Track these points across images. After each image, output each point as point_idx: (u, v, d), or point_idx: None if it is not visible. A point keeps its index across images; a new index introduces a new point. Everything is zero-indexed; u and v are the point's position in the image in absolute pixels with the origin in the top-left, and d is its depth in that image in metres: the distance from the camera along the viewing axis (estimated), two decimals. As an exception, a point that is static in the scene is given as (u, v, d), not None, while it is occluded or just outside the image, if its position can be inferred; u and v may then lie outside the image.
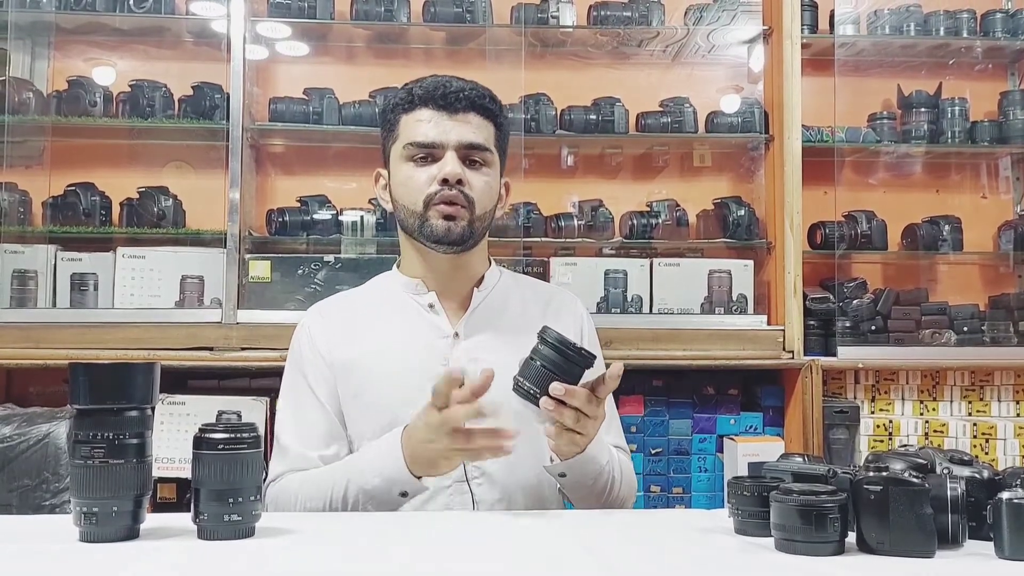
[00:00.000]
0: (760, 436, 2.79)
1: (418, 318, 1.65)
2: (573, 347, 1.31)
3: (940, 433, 2.84)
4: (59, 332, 2.68)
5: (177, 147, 3.14)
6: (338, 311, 1.73)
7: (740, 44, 3.17)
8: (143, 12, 2.95)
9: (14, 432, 1.89)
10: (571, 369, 1.32)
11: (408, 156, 1.62)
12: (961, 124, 3.15)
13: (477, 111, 1.63)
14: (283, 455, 1.62)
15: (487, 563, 1.08)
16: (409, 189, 1.62)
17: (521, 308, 1.71)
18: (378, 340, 1.63)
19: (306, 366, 1.65)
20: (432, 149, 1.60)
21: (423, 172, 1.60)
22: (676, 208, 3.11)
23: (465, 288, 1.69)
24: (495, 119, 1.67)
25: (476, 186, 1.61)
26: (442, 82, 1.64)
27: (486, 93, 1.67)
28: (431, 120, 1.61)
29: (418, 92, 1.64)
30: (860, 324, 2.97)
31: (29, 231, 2.95)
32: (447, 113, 1.61)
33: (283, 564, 1.05)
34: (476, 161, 1.63)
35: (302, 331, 1.70)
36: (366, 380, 1.61)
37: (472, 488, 1.54)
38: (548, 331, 1.32)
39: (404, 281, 1.69)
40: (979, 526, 1.11)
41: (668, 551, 1.14)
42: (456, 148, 1.60)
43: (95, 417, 1.10)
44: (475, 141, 1.61)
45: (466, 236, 1.60)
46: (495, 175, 1.67)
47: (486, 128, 1.65)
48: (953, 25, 3.15)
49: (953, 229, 3.11)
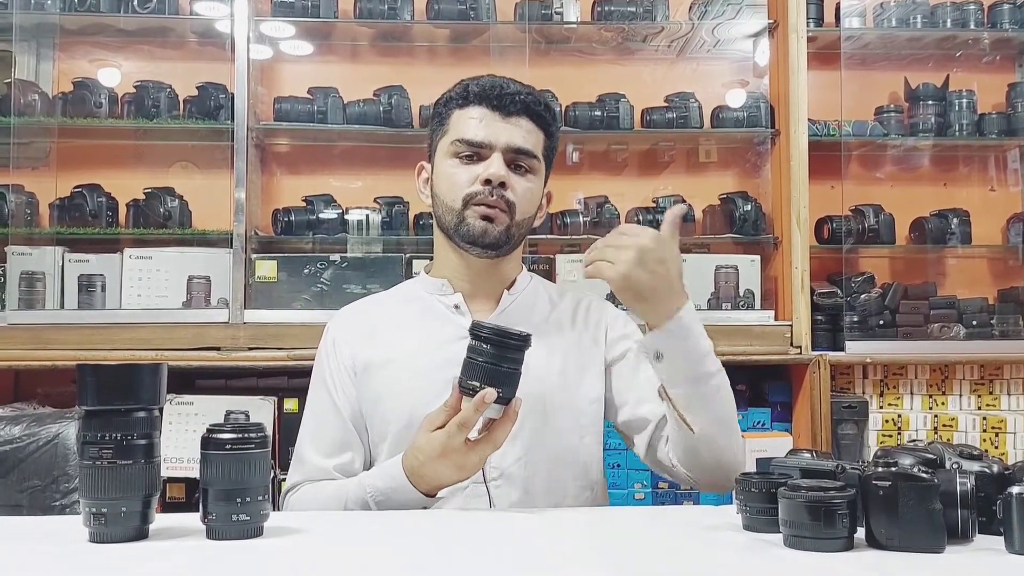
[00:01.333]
0: (768, 432, 2.78)
1: (443, 319, 1.62)
2: (507, 334, 1.29)
3: (949, 427, 2.83)
4: (67, 333, 2.69)
5: (182, 147, 3.15)
6: (361, 315, 1.72)
7: (745, 38, 3.17)
8: (147, 13, 2.96)
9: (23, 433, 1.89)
10: (514, 355, 1.30)
11: (454, 152, 1.60)
12: (969, 117, 3.14)
13: (530, 117, 1.61)
14: (300, 464, 1.62)
15: (495, 561, 1.08)
16: (451, 185, 1.59)
17: (549, 310, 1.69)
18: (401, 342, 1.62)
19: (325, 374, 1.65)
20: (479, 148, 1.58)
21: (467, 171, 1.58)
22: (682, 203, 3.10)
23: (496, 292, 1.66)
24: (547, 127, 1.65)
25: (519, 191, 1.59)
26: (499, 83, 1.61)
27: (542, 100, 1.65)
28: (482, 119, 1.58)
29: (474, 89, 1.61)
30: (868, 319, 2.96)
31: (36, 233, 2.96)
32: (500, 114, 1.59)
33: (292, 564, 1.05)
34: (522, 167, 1.60)
35: (326, 337, 1.69)
36: (388, 381, 1.60)
37: (490, 489, 1.52)
38: (478, 326, 1.30)
39: (430, 283, 1.68)
40: (989, 521, 1.10)
41: (676, 548, 1.13)
42: (504, 150, 1.57)
43: (103, 418, 1.10)
44: (523, 146, 1.59)
45: (502, 241, 1.58)
46: (539, 183, 1.65)
47: (536, 135, 1.62)
48: (960, 17, 3.14)
49: (961, 222, 3.10)
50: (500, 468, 1.53)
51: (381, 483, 1.43)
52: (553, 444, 1.56)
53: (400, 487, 1.39)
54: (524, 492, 1.54)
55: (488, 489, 1.52)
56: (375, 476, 1.45)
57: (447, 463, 1.33)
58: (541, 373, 1.55)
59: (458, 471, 1.35)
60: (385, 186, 3.04)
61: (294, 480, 1.61)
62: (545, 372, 1.57)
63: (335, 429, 1.61)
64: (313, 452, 1.61)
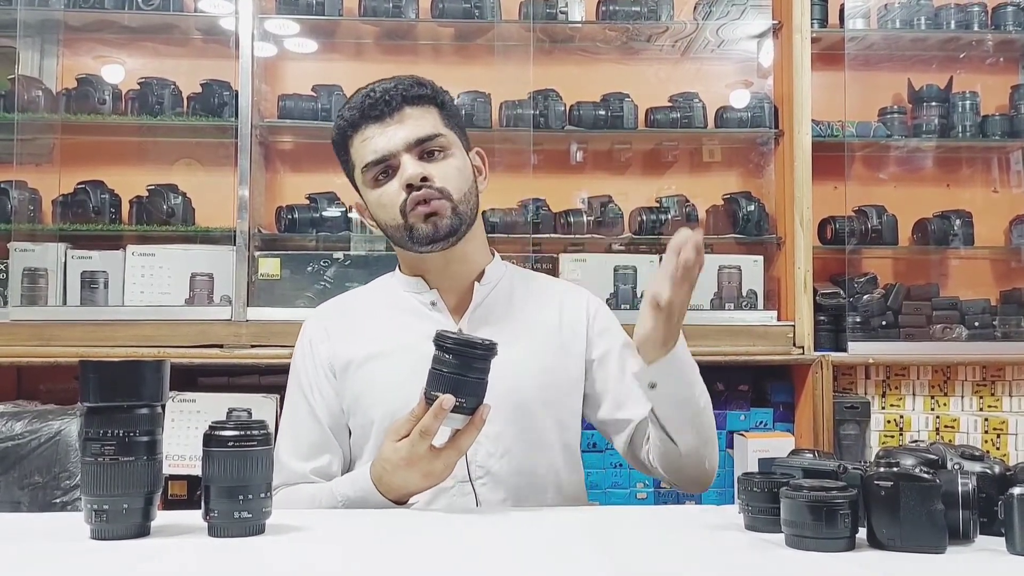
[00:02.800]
0: (770, 432, 2.78)
1: (420, 317, 1.61)
2: (470, 344, 1.28)
3: (951, 428, 2.83)
4: (70, 330, 2.69)
5: (186, 144, 3.15)
6: (338, 314, 1.70)
7: (749, 39, 3.17)
8: (151, 9, 2.96)
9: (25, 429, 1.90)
10: (479, 365, 1.29)
11: (370, 179, 1.58)
12: (972, 118, 3.13)
13: (411, 103, 1.58)
14: (278, 469, 1.59)
15: (496, 560, 1.08)
16: (383, 207, 1.57)
17: (525, 304, 1.67)
18: (380, 340, 1.61)
19: (302, 375, 1.64)
20: (387, 162, 1.56)
21: (389, 187, 1.56)
22: (685, 204, 3.10)
23: (465, 283, 1.64)
24: (434, 101, 1.61)
25: (442, 174, 1.56)
26: (367, 93, 1.58)
27: (412, 82, 1.61)
28: (372, 136, 1.56)
29: (348, 116, 1.59)
30: (870, 319, 2.96)
31: (39, 229, 2.96)
32: (382, 122, 1.56)
33: (293, 561, 1.05)
34: (433, 151, 1.57)
35: (302, 339, 1.68)
36: (369, 379, 1.59)
37: (476, 488, 1.52)
38: (442, 336, 1.29)
39: (406, 280, 1.67)
40: (990, 522, 1.10)
41: (678, 547, 1.13)
42: (407, 149, 1.55)
43: (105, 415, 1.10)
44: (421, 134, 1.56)
45: (455, 225, 1.55)
46: (459, 154, 1.61)
47: (428, 115, 1.59)
48: (964, 19, 3.14)
49: (964, 223, 3.10)
50: (486, 467, 1.54)
51: (351, 491, 1.42)
52: (535, 440, 1.57)
53: (369, 496, 1.39)
54: (510, 489, 1.54)
55: (474, 488, 1.52)
56: (345, 484, 1.45)
57: (413, 471, 1.33)
58: (520, 368, 1.54)
59: (425, 478, 1.34)
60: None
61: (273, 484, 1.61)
62: (524, 367, 1.56)
63: (311, 432, 1.61)
64: (289, 456, 1.60)
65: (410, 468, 1.33)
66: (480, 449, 1.52)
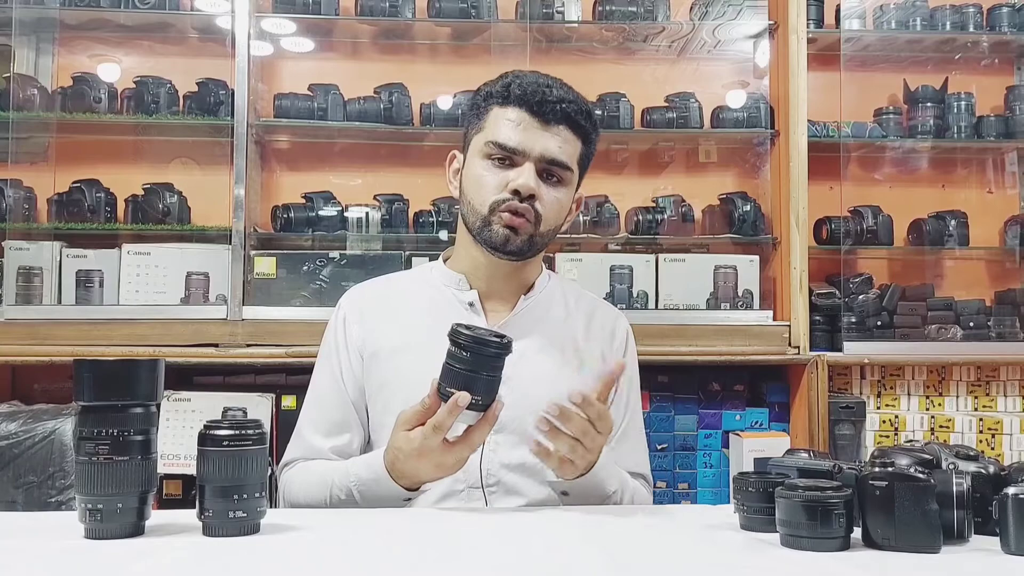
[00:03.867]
0: (766, 432, 2.78)
1: (455, 314, 1.60)
2: (484, 342, 1.28)
3: (946, 428, 2.83)
4: (64, 329, 2.68)
5: (182, 143, 3.14)
6: (375, 297, 1.70)
7: (746, 39, 3.16)
8: (147, 8, 2.95)
9: (20, 429, 1.89)
10: (492, 363, 1.29)
11: (487, 154, 1.57)
12: (967, 119, 3.14)
13: (570, 126, 1.57)
14: (299, 440, 1.62)
15: (492, 558, 1.08)
16: (480, 188, 1.56)
17: (563, 315, 1.68)
18: (411, 331, 1.61)
19: (331, 352, 1.64)
20: (513, 154, 1.55)
21: (498, 175, 1.55)
22: (682, 204, 3.10)
23: (513, 294, 1.65)
24: (586, 136, 1.61)
25: (547, 202, 1.56)
26: (543, 86, 1.57)
27: (584, 109, 1.60)
28: (520, 123, 1.55)
29: (516, 91, 1.57)
30: (866, 319, 2.96)
31: (34, 228, 2.95)
32: (539, 121, 1.55)
33: (288, 561, 1.05)
34: (554, 176, 1.57)
35: (336, 316, 1.68)
36: (393, 371, 1.59)
37: (487, 495, 1.52)
38: (457, 332, 1.29)
39: (447, 275, 1.66)
40: (985, 521, 1.11)
41: (673, 547, 1.14)
42: (537, 160, 1.54)
43: (100, 414, 1.10)
44: (558, 158, 1.55)
45: (524, 249, 1.57)
46: (569, 193, 1.62)
47: (573, 144, 1.59)
48: (959, 20, 3.14)
49: (959, 224, 3.10)
50: (498, 476, 1.54)
51: (364, 473, 1.43)
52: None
53: (381, 479, 1.39)
54: (520, 499, 1.54)
55: (485, 495, 1.52)
56: (360, 465, 1.46)
57: (425, 462, 1.34)
58: (548, 381, 1.54)
59: (436, 469, 1.35)
60: (385, 183, 3.04)
61: (291, 455, 1.62)
62: (552, 380, 1.55)
63: (335, 409, 1.61)
64: (312, 430, 1.61)
65: (421, 459, 1.33)
66: (495, 457, 1.52)
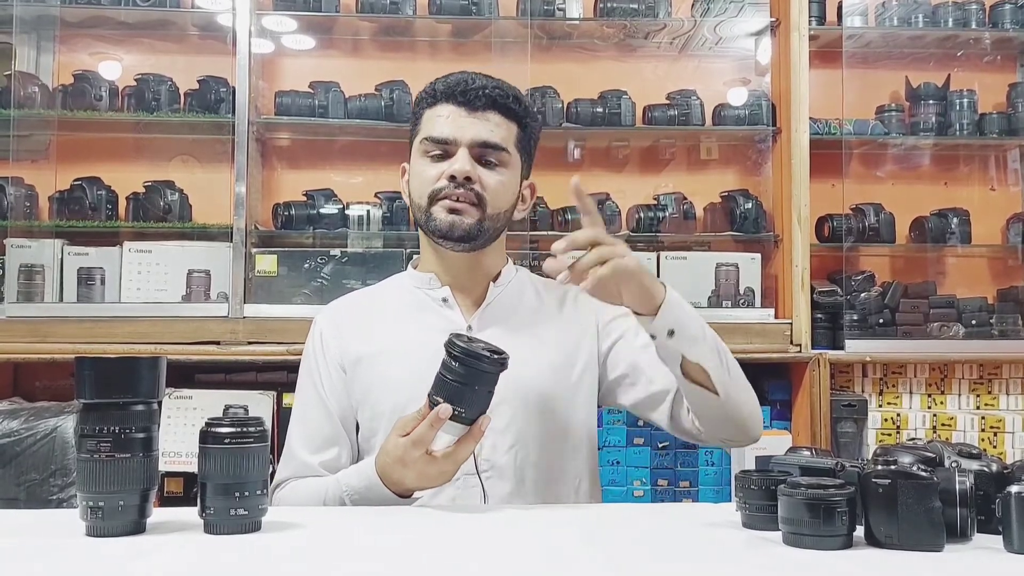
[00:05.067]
0: (767, 430, 2.78)
1: (431, 313, 1.63)
2: (478, 356, 1.27)
3: (948, 426, 2.83)
4: (66, 326, 2.69)
5: (183, 141, 3.14)
6: (349, 309, 1.72)
7: (747, 36, 3.16)
8: (148, 6, 2.95)
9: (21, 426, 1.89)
10: (485, 378, 1.28)
11: (424, 151, 1.61)
12: (970, 116, 3.13)
13: (498, 110, 1.60)
14: (289, 460, 1.62)
15: (491, 557, 1.08)
16: (420, 182, 1.60)
17: (536, 302, 1.70)
18: (390, 336, 1.63)
19: (312, 369, 1.66)
20: (446, 145, 1.58)
21: (435, 168, 1.59)
22: (683, 201, 3.10)
23: (481, 285, 1.67)
24: (519, 119, 1.63)
25: (488, 185, 1.58)
26: (465, 78, 1.61)
27: (511, 92, 1.63)
28: (449, 116, 1.59)
29: (440, 87, 1.61)
30: (868, 317, 2.96)
31: (36, 225, 2.96)
32: (466, 110, 1.58)
33: (290, 558, 1.04)
34: (491, 161, 1.60)
35: (313, 332, 1.70)
36: (378, 375, 1.60)
37: (483, 481, 1.53)
38: (453, 343, 1.29)
39: (418, 277, 1.69)
40: (988, 520, 1.11)
41: (675, 545, 1.13)
42: (469, 146, 1.57)
43: (101, 411, 1.10)
44: (490, 140, 1.59)
45: (474, 233, 1.58)
46: (513, 176, 1.63)
47: (506, 127, 1.61)
48: (962, 16, 3.14)
49: (961, 222, 3.10)
50: (491, 461, 1.54)
51: (356, 482, 1.44)
52: (544, 436, 1.57)
53: (372, 486, 1.40)
54: (517, 483, 1.55)
55: (481, 481, 1.53)
56: (351, 475, 1.46)
57: (408, 471, 1.34)
58: (531, 366, 1.56)
59: (419, 479, 1.36)
60: (386, 181, 3.03)
61: (282, 475, 1.62)
62: (535, 365, 1.58)
63: (321, 425, 1.62)
64: (300, 447, 1.61)
65: (404, 468, 1.34)
66: (486, 442, 1.52)
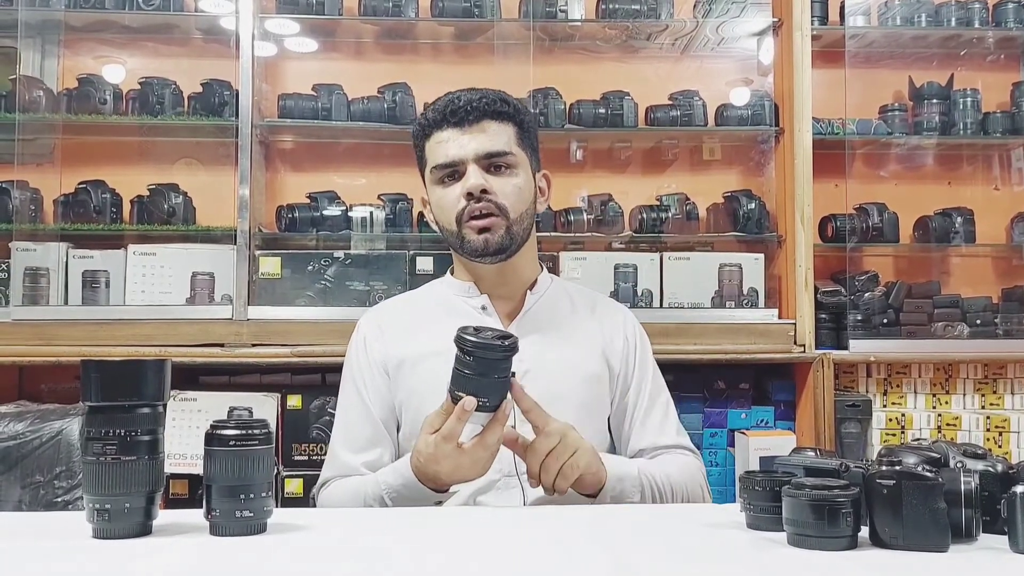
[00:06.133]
0: (771, 430, 2.78)
1: (470, 320, 1.62)
2: (487, 346, 1.30)
3: (953, 426, 2.83)
4: (71, 329, 2.69)
5: (187, 144, 3.15)
6: (393, 313, 1.77)
7: (750, 36, 3.16)
8: (152, 9, 2.96)
9: (27, 428, 1.90)
10: (499, 365, 1.31)
11: (436, 179, 1.66)
12: (973, 115, 3.13)
13: (491, 117, 1.65)
14: (332, 460, 1.67)
15: (496, 557, 1.08)
16: (442, 209, 1.66)
17: (571, 309, 1.74)
18: (431, 341, 1.65)
19: (355, 371, 1.70)
20: (454, 167, 1.63)
21: (451, 191, 1.64)
22: (686, 202, 3.10)
23: (517, 292, 1.72)
24: (513, 119, 1.68)
25: (505, 191, 1.63)
26: (452, 99, 1.65)
27: (497, 97, 1.67)
28: (449, 139, 1.63)
29: (431, 116, 1.67)
30: (872, 317, 2.95)
31: (41, 229, 2.96)
32: (462, 128, 1.63)
33: (295, 560, 1.05)
34: (501, 166, 1.64)
35: (357, 335, 1.74)
36: (419, 380, 1.64)
37: (522, 482, 1.55)
38: (461, 338, 1.31)
39: (457, 285, 1.74)
40: (993, 520, 1.10)
41: (679, 546, 1.13)
42: (476, 160, 1.62)
43: (107, 414, 1.10)
44: (493, 149, 1.63)
45: (506, 244, 1.63)
46: (525, 174, 1.68)
47: (504, 131, 1.66)
48: (965, 16, 3.13)
49: (965, 221, 3.09)
50: None
51: (393, 480, 1.47)
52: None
53: (409, 484, 1.43)
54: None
55: (520, 482, 1.56)
56: (388, 473, 1.50)
57: (443, 466, 1.37)
58: (566, 373, 1.61)
59: (455, 472, 1.38)
60: (389, 183, 3.04)
61: (325, 476, 1.67)
62: (570, 372, 1.63)
63: (364, 426, 1.66)
64: (343, 449, 1.66)
65: (439, 463, 1.37)
66: None
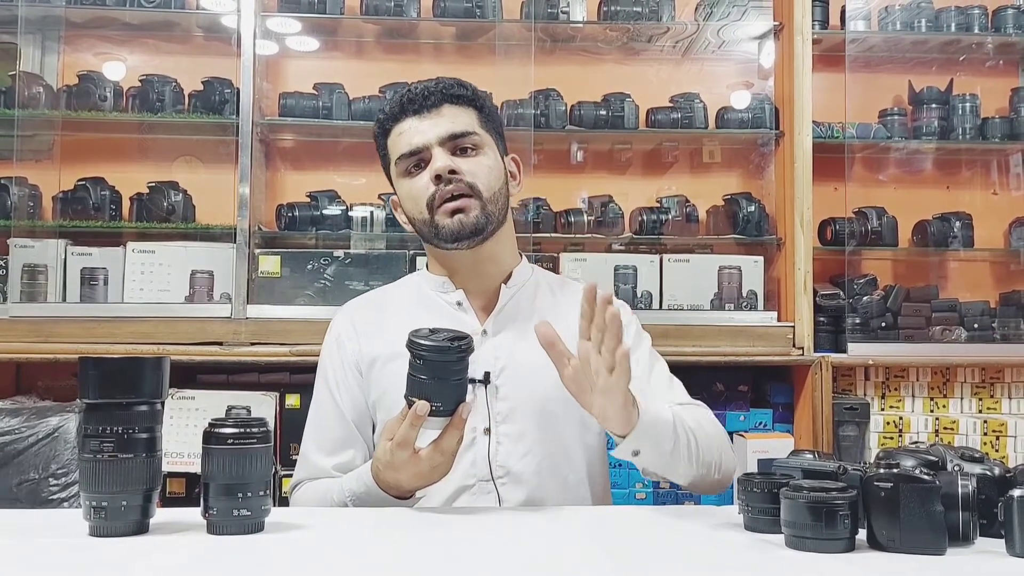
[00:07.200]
0: (770, 433, 2.78)
1: (446, 317, 1.61)
2: (438, 349, 1.27)
3: (950, 430, 2.83)
4: (69, 326, 2.69)
5: (187, 142, 3.15)
6: (366, 311, 1.72)
7: (750, 40, 3.17)
8: (153, 6, 2.96)
9: (23, 425, 1.90)
10: (453, 367, 1.28)
11: (403, 171, 1.62)
12: (972, 120, 3.14)
13: (450, 102, 1.61)
14: (303, 462, 1.64)
15: (495, 558, 1.08)
16: (412, 199, 1.61)
17: (551, 303, 1.68)
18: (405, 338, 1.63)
19: (328, 371, 1.66)
20: (419, 154, 1.59)
21: (419, 179, 1.59)
22: (686, 204, 3.10)
23: (492, 284, 1.65)
24: (472, 103, 1.64)
25: (474, 171, 1.58)
26: (408, 89, 1.63)
27: (453, 82, 1.64)
28: (410, 128, 1.60)
29: (388, 111, 1.64)
30: (870, 321, 2.96)
31: (39, 225, 2.96)
32: (420, 116, 1.60)
33: (292, 559, 1.05)
34: (466, 147, 1.60)
35: (330, 335, 1.70)
36: (395, 375, 1.58)
37: (497, 487, 1.53)
38: (412, 343, 1.28)
39: (432, 280, 1.68)
40: (990, 524, 1.11)
41: (678, 548, 1.13)
42: (440, 143, 1.57)
43: (104, 411, 1.10)
44: (455, 130, 1.59)
45: (481, 224, 1.57)
46: (493, 155, 1.64)
47: (465, 114, 1.62)
48: (964, 21, 3.14)
49: (964, 226, 3.10)
50: (506, 467, 1.54)
51: (356, 487, 1.44)
52: (558, 440, 1.57)
53: (371, 491, 1.40)
54: (532, 489, 1.54)
55: (496, 487, 1.53)
56: (352, 480, 1.47)
57: (401, 474, 1.35)
58: (543, 370, 1.53)
59: (415, 479, 1.36)
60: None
61: (297, 478, 1.63)
62: (547, 369, 1.55)
63: (335, 427, 1.62)
64: (314, 450, 1.62)
65: (397, 471, 1.35)
66: (501, 449, 1.53)
